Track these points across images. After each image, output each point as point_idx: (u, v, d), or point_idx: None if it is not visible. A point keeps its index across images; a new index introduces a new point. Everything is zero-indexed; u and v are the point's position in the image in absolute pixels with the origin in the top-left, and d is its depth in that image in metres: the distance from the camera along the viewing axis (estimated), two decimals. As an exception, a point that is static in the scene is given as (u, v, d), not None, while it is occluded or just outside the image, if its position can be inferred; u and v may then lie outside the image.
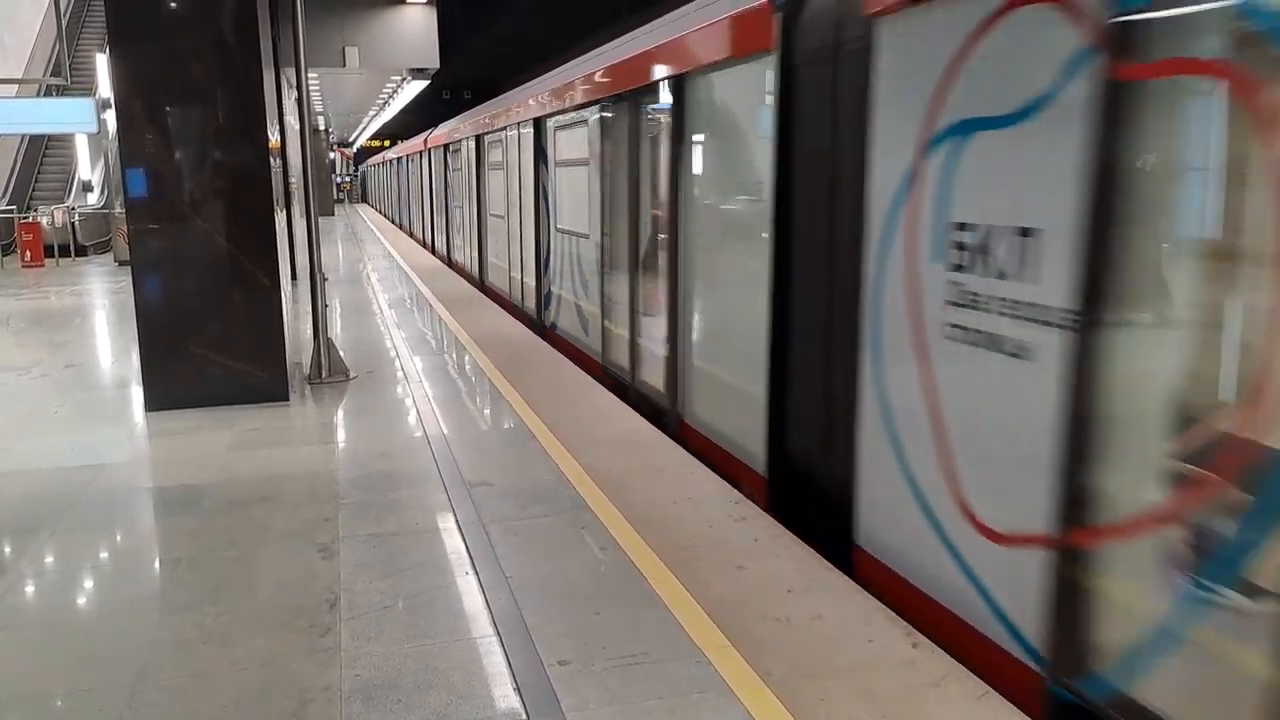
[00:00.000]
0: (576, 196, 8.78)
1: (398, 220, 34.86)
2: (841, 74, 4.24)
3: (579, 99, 8.32)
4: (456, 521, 4.54)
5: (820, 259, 4.54)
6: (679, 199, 6.15)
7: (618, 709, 2.97)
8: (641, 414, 6.57)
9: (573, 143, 8.91)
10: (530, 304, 11.08)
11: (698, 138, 5.99)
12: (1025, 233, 3.09)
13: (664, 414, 6.57)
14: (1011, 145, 3.17)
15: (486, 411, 6.84)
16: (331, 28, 15.25)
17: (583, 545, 4.25)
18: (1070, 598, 2.96)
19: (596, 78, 7.85)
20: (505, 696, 3.06)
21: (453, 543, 4.30)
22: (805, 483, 4.77)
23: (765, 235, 4.88)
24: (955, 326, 3.48)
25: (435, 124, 22.54)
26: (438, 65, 16.27)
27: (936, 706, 2.98)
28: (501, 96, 14.01)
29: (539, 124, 10.12)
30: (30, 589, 4.06)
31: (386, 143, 52.54)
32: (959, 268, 3.45)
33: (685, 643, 3.36)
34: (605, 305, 8.14)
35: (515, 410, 6.61)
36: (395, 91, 24.24)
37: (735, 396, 5.49)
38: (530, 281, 11.02)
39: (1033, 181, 3.06)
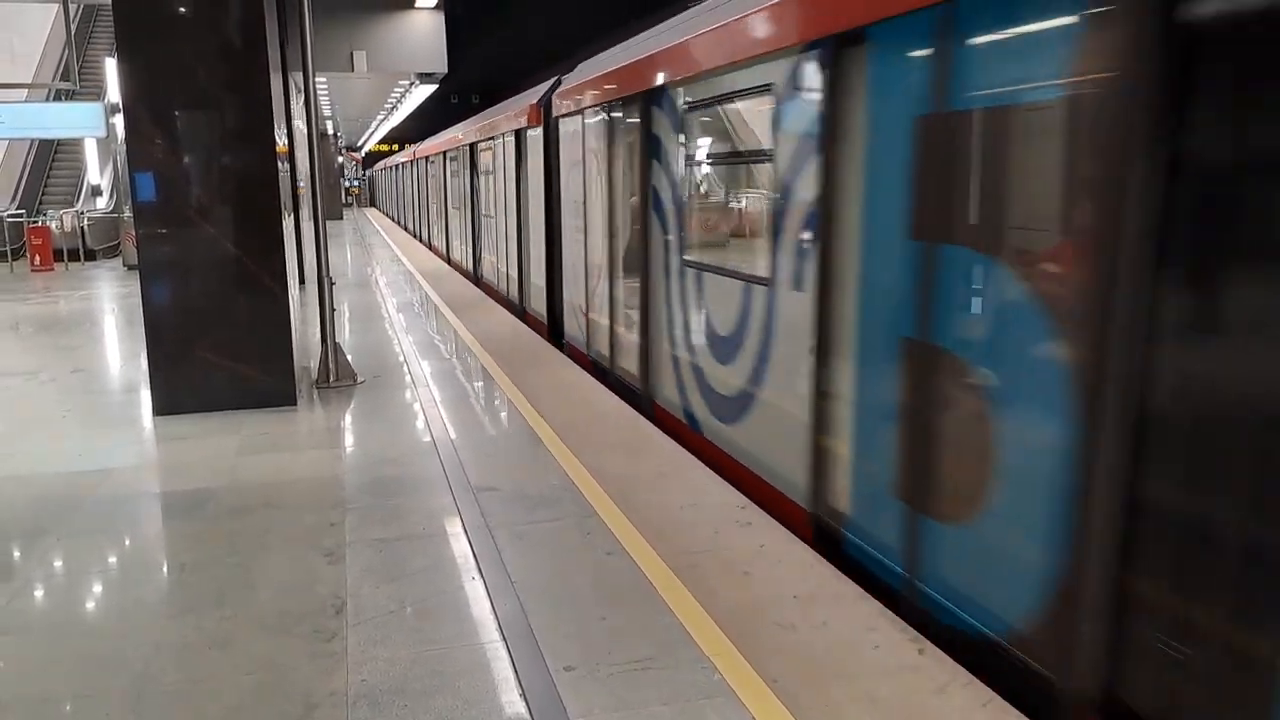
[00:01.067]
0: (485, 193, 14.50)
1: (395, 218, 38.61)
2: (555, 138, 9.78)
3: (485, 134, 13.74)
4: (463, 526, 4.55)
5: (554, 222, 10.01)
6: (519, 195, 11.53)
7: (624, 715, 2.96)
8: (513, 314, 11.71)
9: (484, 160, 14.41)
10: (469, 267, 16.41)
11: (527, 164, 11.15)
12: (574, 203, 9.08)
13: (518, 310, 11.98)
14: (583, 173, 8.67)
15: (493, 416, 6.84)
16: (339, 32, 15.31)
17: (589, 550, 4.25)
18: (593, 331, 8.59)
19: (483, 124, 13.87)
20: (511, 702, 3.06)
21: (459, 547, 4.31)
22: (559, 323, 10.12)
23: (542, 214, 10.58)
24: (573, 228, 9.07)
25: (442, 128, 22.85)
26: (445, 70, 16.31)
27: (940, 713, 2.96)
28: (458, 125, 18.77)
29: (473, 146, 15.28)
30: (35, 593, 4.07)
31: (395, 147, 52.66)
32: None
33: (691, 648, 3.35)
34: (498, 258, 13.60)
35: (521, 413, 6.62)
36: (403, 96, 24.32)
37: (540, 292, 10.85)
38: (469, 250, 16.48)
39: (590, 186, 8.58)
